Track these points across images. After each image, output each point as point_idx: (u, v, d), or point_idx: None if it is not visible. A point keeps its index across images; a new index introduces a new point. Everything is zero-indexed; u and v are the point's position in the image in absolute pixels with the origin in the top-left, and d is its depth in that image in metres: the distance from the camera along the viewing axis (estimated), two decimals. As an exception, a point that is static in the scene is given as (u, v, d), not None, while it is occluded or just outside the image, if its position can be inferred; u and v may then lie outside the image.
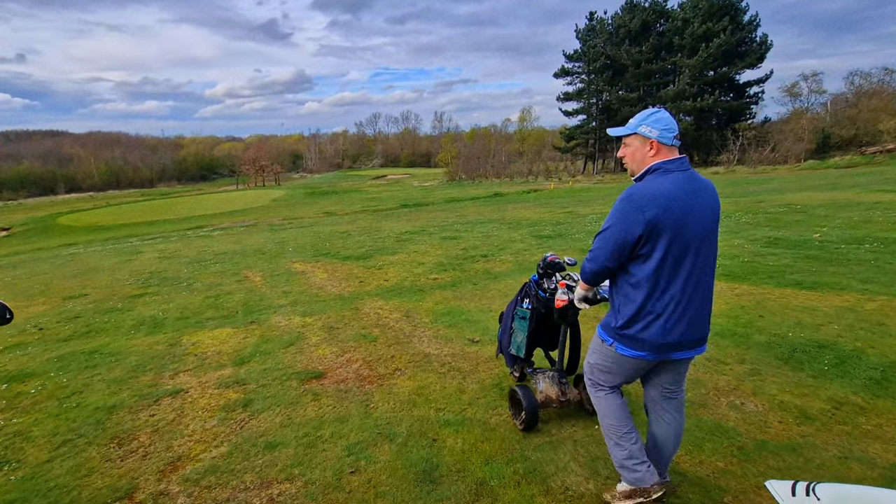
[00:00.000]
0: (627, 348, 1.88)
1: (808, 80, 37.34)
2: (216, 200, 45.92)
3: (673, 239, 1.74)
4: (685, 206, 1.74)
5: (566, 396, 2.71)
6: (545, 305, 2.72)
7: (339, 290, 6.65)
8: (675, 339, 1.82)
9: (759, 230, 8.32)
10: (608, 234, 1.82)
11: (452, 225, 13.56)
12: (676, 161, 1.82)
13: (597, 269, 1.90)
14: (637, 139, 1.86)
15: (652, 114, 1.86)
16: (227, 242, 13.91)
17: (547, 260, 2.72)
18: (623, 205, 1.79)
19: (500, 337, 3.10)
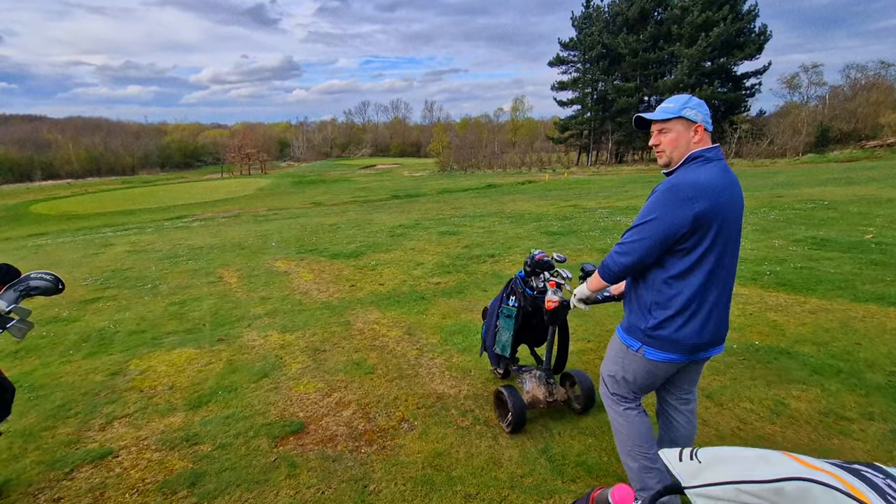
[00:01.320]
0: (658, 351, 1.75)
1: (809, 72, 36.82)
2: (199, 189, 44.34)
3: (718, 233, 1.64)
4: (727, 198, 1.65)
5: (554, 396, 2.63)
6: (532, 304, 2.62)
7: (326, 297, 5.71)
8: (708, 337, 1.72)
9: (796, 228, 7.52)
10: (651, 227, 1.66)
11: (450, 218, 12.62)
12: (714, 149, 1.73)
13: (631, 264, 1.72)
14: (681, 123, 1.72)
15: (691, 98, 1.75)
16: (206, 235, 12.83)
17: (535, 258, 2.58)
18: (669, 195, 1.65)
19: (483, 335, 2.97)
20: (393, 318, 4.77)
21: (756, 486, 0.75)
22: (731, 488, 0.78)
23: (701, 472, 0.83)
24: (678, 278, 1.68)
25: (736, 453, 0.83)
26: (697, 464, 0.84)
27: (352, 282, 6.37)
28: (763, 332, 3.74)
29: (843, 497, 0.68)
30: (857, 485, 0.69)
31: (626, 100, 39.52)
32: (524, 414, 2.55)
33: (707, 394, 2.85)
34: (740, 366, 3.19)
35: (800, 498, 0.71)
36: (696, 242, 1.64)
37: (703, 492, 0.81)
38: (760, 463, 0.78)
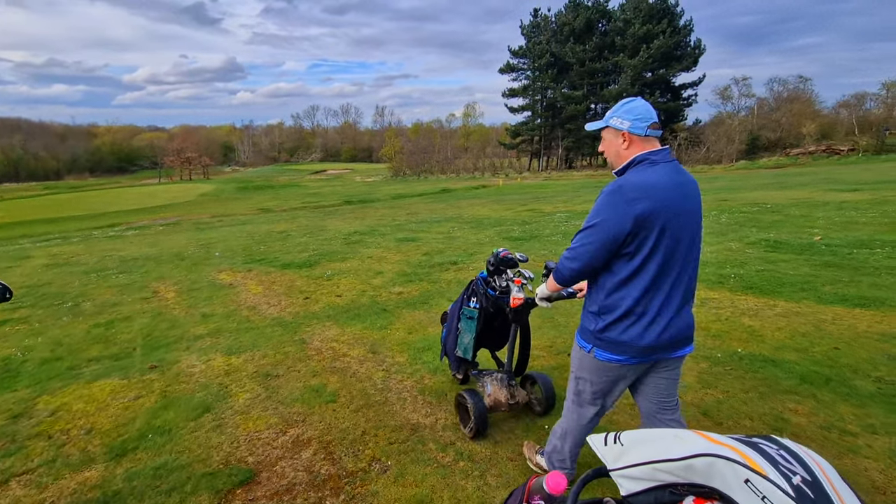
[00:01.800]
0: (607, 353, 1.76)
1: (739, 84, 39.48)
2: (135, 195, 41.41)
3: (663, 234, 1.62)
4: (675, 199, 1.64)
5: (515, 399, 2.60)
6: (494, 304, 2.58)
7: (277, 312, 5.19)
8: (659, 339, 1.70)
9: (747, 231, 7.75)
10: (596, 231, 1.66)
11: (406, 224, 12.25)
12: (661, 152, 1.71)
13: (580, 268, 1.73)
14: (610, 132, 1.77)
15: (624, 104, 1.74)
16: (141, 245, 11.77)
17: (499, 255, 2.52)
18: (612, 197, 1.64)
19: (443, 339, 2.92)
20: (354, 334, 4.35)
21: (669, 464, 0.80)
22: (648, 468, 0.82)
23: (623, 454, 0.87)
24: (625, 282, 1.68)
25: (655, 434, 0.87)
26: (620, 447, 0.88)
27: (306, 294, 5.87)
28: (742, 338, 3.66)
29: (740, 468, 0.74)
30: (754, 457, 0.75)
31: (575, 107, 40.70)
32: (486, 419, 2.49)
33: (703, 410, 2.67)
34: (729, 377, 3.05)
35: (706, 471, 0.76)
36: (641, 244, 1.63)
37: (624, 472, 0.85)
38: (673, 442, 0.82)
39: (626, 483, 0.85)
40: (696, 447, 0.79)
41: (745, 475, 0.73)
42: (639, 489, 0.84)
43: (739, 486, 0.73)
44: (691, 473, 0.78)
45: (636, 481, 0.84)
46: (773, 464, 0.74)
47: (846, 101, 38.90)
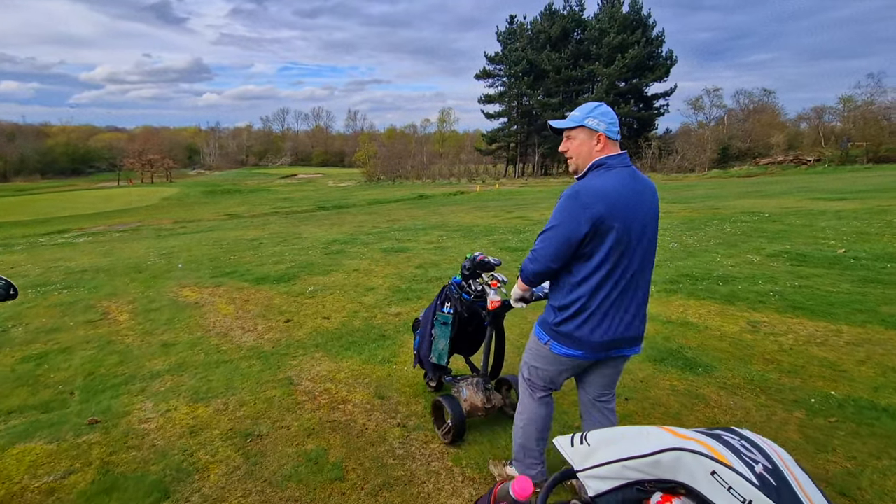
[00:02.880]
0: (562, 346, 1.84)
1: (711, 95, 40.49)
2: (90, 198, 38.91)
3: (617, 237, 1.69)
4: (631, 204, 1.69)
5: (491, 403, 2.61)
6: (468, 308, 2.60)
7: (254, 339, 4.37)
8: (610, 337, 1.78)
9: (758, 242, 7.36)
10: (553, 234, 1.74)
11: (389, 232, 11.48)
12: (619, 157, 1.76)
13: (539, 270, 1.81)
14: (583, 132, 1.77)
15: (597, 106, 1.79)
16: (93, 254, 10.58)
17: (476, 259, 2.53)
18: (568, 202, 1.71)
19: (416, 347, 2.89)
20: (352, 370, 3.58)
21: (636, 461, 0.80)
22: (616, 466, 0.82)
23: (591, 454, 0.86)
24: (582, 282, 1.74)
25: (621, 433, 0.88)
26: (587, 447, 0.88)
27: (287, 315, 5.05)
28: (824, 375, 3.10)
29: (706, 460, 0.74)
30: (718, 448, 0.76)
31: (552, 114, 40.73)
32: (464, 424, 2.49)
33: (839, 489, 2.04)
34: (841, 433, 2.46)
35: (673, 466, 0.77)
36: (596, 246, 1.69)
37: (593, 473, 0.85)
38: (640, 439, 0.83)
39: (593, 483, 0.85)
40: (662, 442, 0.79)
41: (711, 467, 0.73)
42: (606, 489, 0.83)
43: (706, 479, 0.74)
44: (658, 469, 0.78)
45: (604, 481, 0.83)
46: (737, 454, 0.75)
47: (806, 114, 40.55)
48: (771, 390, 2.92)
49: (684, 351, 3.55)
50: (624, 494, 0.82)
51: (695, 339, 3.81)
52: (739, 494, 0.71)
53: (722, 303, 4.62)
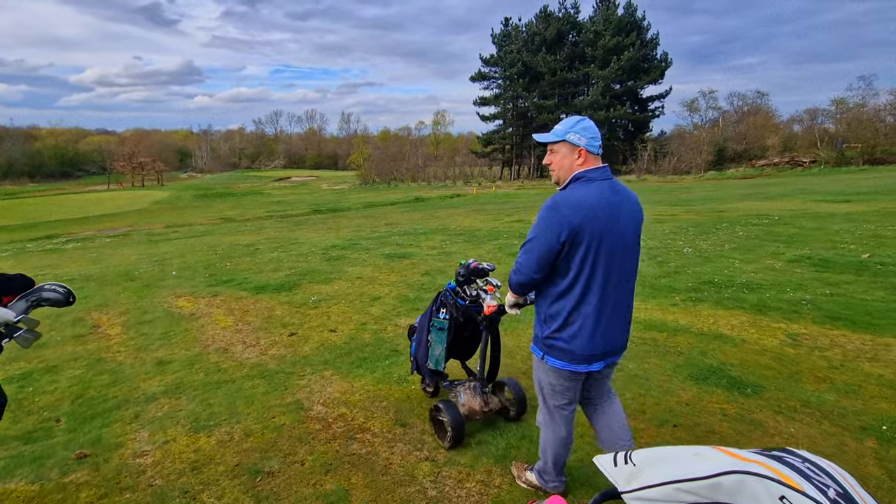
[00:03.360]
0: (556, 360, 1.87)
1: (706, 97, 40.52)
2: (79, 202, 38.24)
3: (595, 248, 1.73)
4: (608, 216, 1.73)
5: (489, 406, 2.63)
6: (464, 314, 2.61)
7: (257, 355, 4.06)
8: (601, 349, 1.82)
9: (773, 246, 7.15)
10: (534, 245, 1.78)
11: (389, 237, 11.18)
12: (599, 170, 1.80)
13: (523, 282, 1.86)
14: (565, 146, 1.82)
15: (579, 121, 1.83)
16: (82, 261, 10.21)
17: (470, 266, 2.57)
18: (548, 213, 1.76)
19: (412, 353, 2.86)
20: (366, 391, 3.29)
21: (693, 484, 0.75)
22: (669, 488, 0.77)
23: (636, 475, 0.82)
24: (564, 293, 1.79)
25: (670, 453, 0.82)
26: (632, 467, 0.84)
27: (290, 327, 4.75)
28: (886, 396, 2.85)
29: (774, 484, 0.69)
30: (785, 471, 0.71)
31: (547, 116, 40.62)
32: (463, 428, 2.49)
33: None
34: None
35: (736, 490, 0.71)
36: (575, 257, 1.73)
37: (641, 495, 0.80)
38: (695, 460, 0.78)
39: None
40: (721, 464, 0.74)
41: (780, 492, 0.68)
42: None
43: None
44: (718, 493, 0.73)
45: (654, 503, 0.78)
46: (806, 478, 0.70)
47: (799, 116, 40.77)
48: (833, 415, 2.67)
49: (726, 368, 3.30)
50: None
51: (734, 354, 3.56)
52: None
53: (753, 313, 4.39)
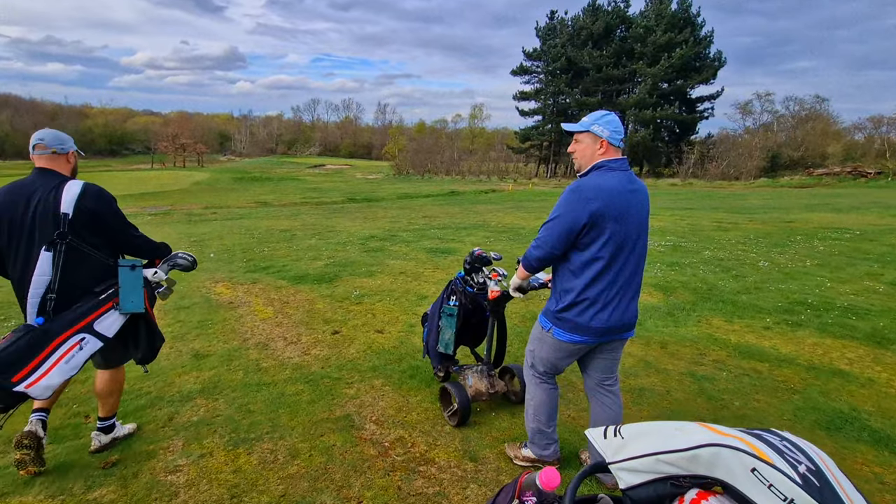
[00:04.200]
0: (564, 332, 1.98)
1: (762, 100, 38.19)
2: (124, 180, 39.45)
3: (612, 230, 1.85)
4: (625, 202, 1.86)
5: (494, 388, 2.77)
6: (472, 301, 2.76)
7: (299, 355, 3.71)
8: (607, 324, 1.93)
9: (867, 266, 6.37)
10: (556, 223, 1.90)
11: (428, 230, 10.78)
12: (619, 161, 1.93)
13: (543, 256, 1.96)
14: (589, 136, 1.96)
15: (604, 115, 1.97)
16: (123, 237, 10.16)
17: (475, 254, 2.73)
18: (571, 195, 1.88)
19: (424, 338, 3.03)
20: (424, 409, 2.87)
21: (673, 455, 0.78)
22: (651, 459, 0.80)
23: (624, 447, 0.86)
24: (580, 270, 1.91)
25: (656, 427, 0.86)
26: (620, 440, 0.87)
27: (333, 324, 4.39)
28: None
29: (746, 457, 0.72)
30: (759, 446, 0.74)
31: (589, 113, 39.43)
32: (469, 407, 2.62)
33: None
34: None
35: (711, 461, 0.75)
36: (594, 238, 1.86)
37: (626, 465, 0.84)
38: (677, 434, 0.81)
39: (626, 476, 0.84)
40: (700, 438, 0.78)
41: (752, 464, 0.72)
42: (639, 482, 0.82)
43: (745, 476, 0.72)
44: (695, 464, 0.77)
45: (637, 474, 0.83)
46: (779, 453, 0.73)
47: (861, 124, 38.11)
48: None
49: (862, 417, 2.72)
50: (657, 489, 0.81)
51: (865, 398, 2.97)
52: (781, 493, 0.68)
53: (871, 345, 3.75)
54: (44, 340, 1.99)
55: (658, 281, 5.68)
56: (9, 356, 1.89)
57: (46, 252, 2.07)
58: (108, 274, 2.25)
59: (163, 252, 2.53)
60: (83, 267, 2.16)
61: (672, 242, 8.09)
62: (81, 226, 2.11)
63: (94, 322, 2.13)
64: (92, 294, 2.18)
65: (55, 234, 2.06)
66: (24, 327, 2.02)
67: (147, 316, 2.37)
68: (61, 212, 2.06)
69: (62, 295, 2.09)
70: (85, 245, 2.15)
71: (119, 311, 2.21)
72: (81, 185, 2.15)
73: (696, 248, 7.59)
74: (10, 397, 1.89)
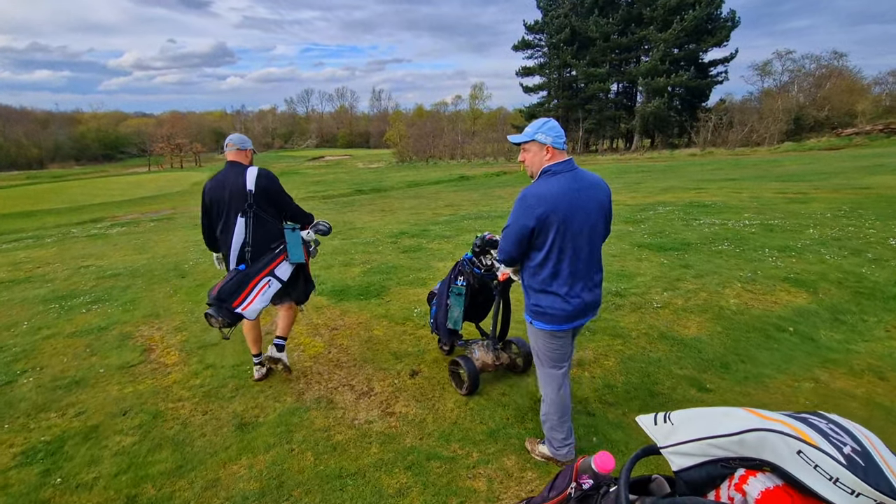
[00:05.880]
0: (541, 322, 2.18)
1: (783, 59, 36.12)
2: (122, 184, 38.33)
3: (560, 229, 2.03)
4: (569, 203, 2.02)
5: (500, 360, 3.00)
6: (480, 281, 2.92)
7: (379, 416, 2.75)
8: (573, 309, 2.12)
9: None
10: (509, 230, 2.13)
11: (459, 221, 9.75)
12: (564, 163, 2.09)
13: (505, 259, 2.23)
14: (535, 145, 2.11)
15: (545, 122, 2.11)
16: (127, 248, 9.22)
17: (485, 238, 2.89)
18: (519, 204, 2.08)
19: (433, 316, 3.18)
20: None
21: (722, 440, 0.82)
22: (701, 444, 0.85)
23: (673, 432, 0.90)
24: (540, 266, 2.11)
25: (704, 413, 0.90)
26: (670, 426, 0.91)
27: (406, 360, 3.41)
28: None
29: (792, 440, 0.76)
30: (804, 429, 0.77)
31: (599, 85, 37.70)
32: (478, 378, 2.89)
33: None
34: None
35: (758, 445, 0.79)
36: (545, 238, 2.05)
37: (676, 449, 0.88)
38: (725, 419, 0.85)
39: (677, 459, 0.88)
40: (747, 423, 0.81)
41: (797, 447, 0.75)
42: (690, 464, 0.87)
43: (791, 458, 0.75)
44: (743, 448, 0.81)
45: (688, 457, 0.87)
46: (824, 436, 0.76)
47: (881, 78, 36.33)
48: None
49: None
50: (708, 470, 0.85)
51: None
52: (826, 472, 0.72)
53: None
54: (246, 280, 2.82)
55: (786, 273, 4.64)
56: (229, 290, 2.76)
57: (241, 218, 2.88)
58: (279, 235, 3.01)
59: (310, 220, 3.23)
60: (263, 229, 2.93)
61: (759, 221, 7.01)
62: (259, 198, 2.88)
63: (275, 269, 2.92)
64: (269, 250, 2.95)
65: (245, 205, 2.86)
66: (233, 271, 2.86)
67: (305, 267, 3.15)
68: (247, 189, 2.86)
69: (254, 249, 2.89)
70: (263, 213, 2.93)
71: (288, 262, 2.98)
72: (257, 169, 2.95)
73: (792, 227, 6.52)
74: (233, 316, 2.77)
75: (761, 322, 3.64)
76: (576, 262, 2.07)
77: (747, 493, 0.79)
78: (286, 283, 2.98)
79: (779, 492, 0.76)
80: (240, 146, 3.07)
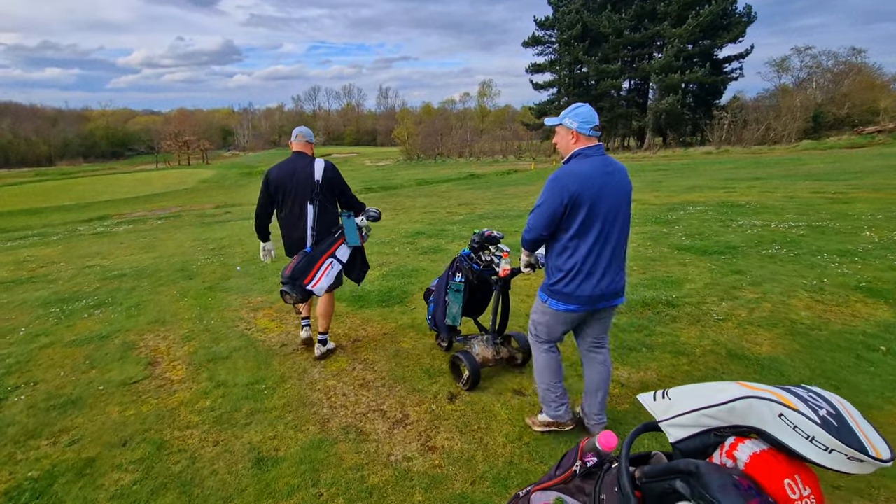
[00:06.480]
0: (559, 303, 2.21)
1: (802, 54, 35.13)
2: (130, 181, 38.27)
3: (589, 210, 2.06)
4: (600, 184, 2.06)
5: (500, 355, 3.00)
6: (478, 277, 2.93)
7: (419, 451, 2.37)
8: (597, 292, 2.14)
9: None
10: (542, 209, 2.13)
11: (476, 220, 9.37)
12: (593, 147, 2.13)
13: (534, 238, 2.22)
14: (563, 129, 2.17)
15: (575, 108, 2.15)
16: (134, 248, 8.88)
17: (485, 234, 2.91)
18: (552, 184, 2.11)
19: (431, 312, 3.22)
20: None
21: (713, 409, 0.89)
22: (696, 414, 0.92)
23: (671, 406, 0.96)
24: (566, 247, 2.14)
25: (698, 388, 0.95)
26: (668, 401, 0.98)
27: (439, 379, 3.05)
28: None
29: (774, 404, 0.82)
30: (786, 395, 0.83)
31: (611, 82, 37.07)
32: (479, 373, 2.87)
33: None
34: None
35: (745, 412, 0.85)
36: (575, 218, 2.07)
37: (674, 422, 0.96)
38: (717, 392, 0.91)
39: (674, 431, 0.96)
40: (737, 393, 0.87)
41: (779, 410, 0.81)
42: (685, 435, 0.94)
43: (774, 421, 0.82)
44: (732, 415, 0.87)
45: (683, 428, 0.94)
46: (803, 401, 0.82)
47: (898, 75, 35.28)
48: None
49: None
50: (702, 440, 0.92)
51: None
52: (803, 431, 0.78)
53: None
54: (313, 260, 3.19)
55: (856, 282, 4.18)
56: (300, 269, 3.11)
57: (311, 205, 3.21)
58: (337, 221, 3.35)
59: (362, 207, 3.49)
60: (327, 215, 3.27)
61: (805, 223, 6.54)
62: (325, 188, 3.22)
63: (336, 251, 3.28)
64: (330, 234, 3.30)
65: (313, 194, 3.20)
66: (302, 253, 3.21)
67: (361, 249, 3.48)
68: (315, 179, 3.20)
69: (319, 233, 3.25)
70: (326, 201, 3.28)
71: (346, 245, 3.32)
72: (324, 161, 3.28)
73: (845, 229, 6.05)
74: (304, 293, 3.12)
75: (845, 339, 3.21)
76: (606, 243, 2.11)
77: (737, 459, 0.86)
78: (345, 264, 3.30)
79: (765, 455, 0.83)
80: (308, 139, 3.37)
